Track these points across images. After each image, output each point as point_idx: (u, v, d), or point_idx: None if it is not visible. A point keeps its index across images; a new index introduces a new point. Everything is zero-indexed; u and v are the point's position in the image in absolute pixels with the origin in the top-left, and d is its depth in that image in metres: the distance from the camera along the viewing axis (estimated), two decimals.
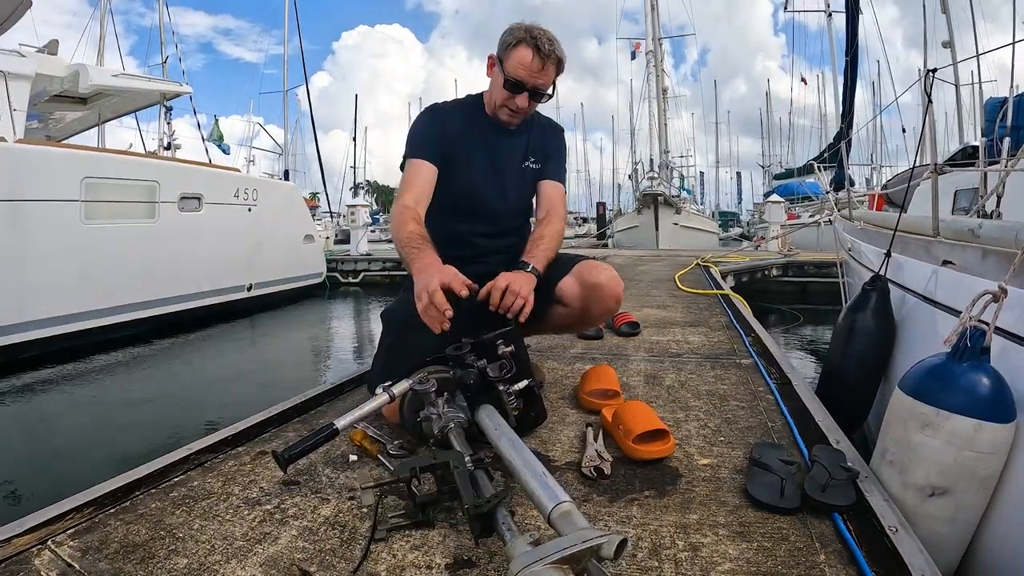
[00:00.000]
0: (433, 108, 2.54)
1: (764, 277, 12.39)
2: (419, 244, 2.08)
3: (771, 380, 2.97)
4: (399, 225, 2.18)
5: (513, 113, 2.38)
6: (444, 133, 2.43)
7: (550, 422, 2.33)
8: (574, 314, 2.40)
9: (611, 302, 2.37)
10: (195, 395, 6.82)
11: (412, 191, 2.30)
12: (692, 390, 2.85)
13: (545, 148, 2.58)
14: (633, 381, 3.00)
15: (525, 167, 2.53)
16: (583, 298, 2.34)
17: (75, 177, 8.37)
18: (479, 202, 2.49)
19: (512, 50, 2.26)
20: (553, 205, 2.52)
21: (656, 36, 30.52)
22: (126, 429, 5.51)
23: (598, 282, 2.32)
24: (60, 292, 8.19)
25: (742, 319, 4.77)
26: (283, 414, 2.54)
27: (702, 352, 3.69)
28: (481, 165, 2.47)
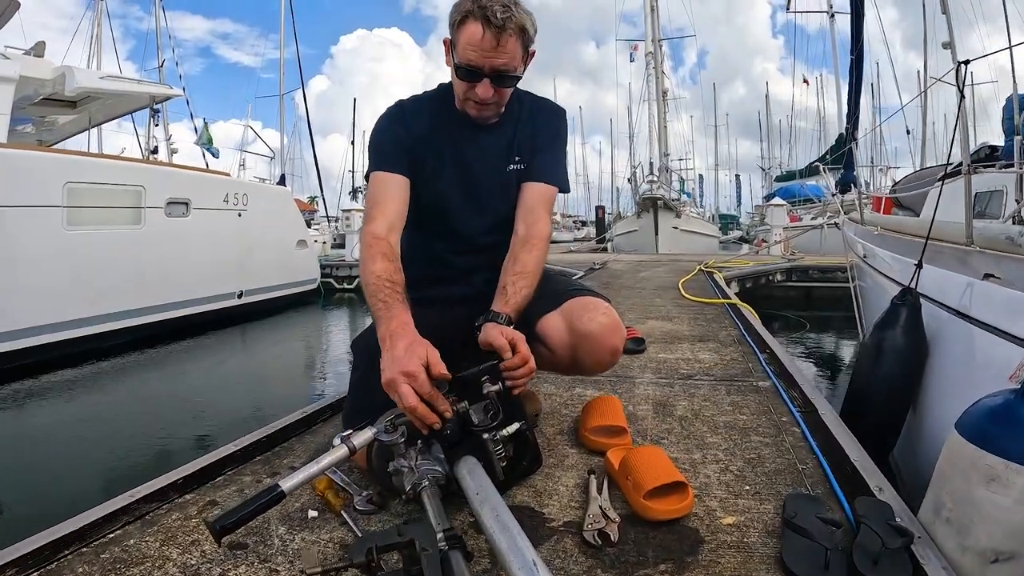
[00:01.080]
0: (399, 105, 2.12)
1: (768, 282, 12.11)
2: (387, 296, 1.71)
3: (794, 407, 2.69)
4: (365, 262, 1.82)
5: (480, 106, 1.93)
6: (409, 135, 2.04)
7: (546, 465, 2.02)
8: (559, 362, 2.01)
9: (606, 355, 1.97)
10: (180, 408, 6.52)
11: (382, 214, 1.93)
12: (708, 422, 2.54)
13: (533, 139, 2.09)
14: (641, 411, 2.69)
15: (509, 171, 2.07)
16: (571, 346, 1.94)
17: (57, 182, 8.11)
18: (448, 219, 2.08)
19: (459, 29, 1.82)
20: (535, 218, 2.02)
21: (656, 38, 30.24)
22: (105, 447, 5.22)
23: (589, 331, 1.91)
24: (40, 301, 7.93)
25: (754, 332, 4.46)
26: (246, 450, 2.24)
27: (715, 373, 3.38)
28: (448, 173, 2.05)
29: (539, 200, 2.05)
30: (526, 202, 2.05)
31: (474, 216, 2.08)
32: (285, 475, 1.50)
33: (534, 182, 2.07)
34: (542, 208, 2.05)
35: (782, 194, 28.77)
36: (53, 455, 5.04)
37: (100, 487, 4.23)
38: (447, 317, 2.01)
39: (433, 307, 2.00)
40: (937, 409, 2.87)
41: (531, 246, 1.95)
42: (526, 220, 2.01)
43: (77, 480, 4.51)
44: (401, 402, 1.48)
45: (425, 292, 2.05)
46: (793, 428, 2.44)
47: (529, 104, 2.14)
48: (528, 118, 2.11)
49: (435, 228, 2.09)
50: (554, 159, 2.13)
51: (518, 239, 1.97)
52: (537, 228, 1.99)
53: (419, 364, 1.49)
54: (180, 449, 5.05)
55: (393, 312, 1.65)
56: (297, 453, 2.26)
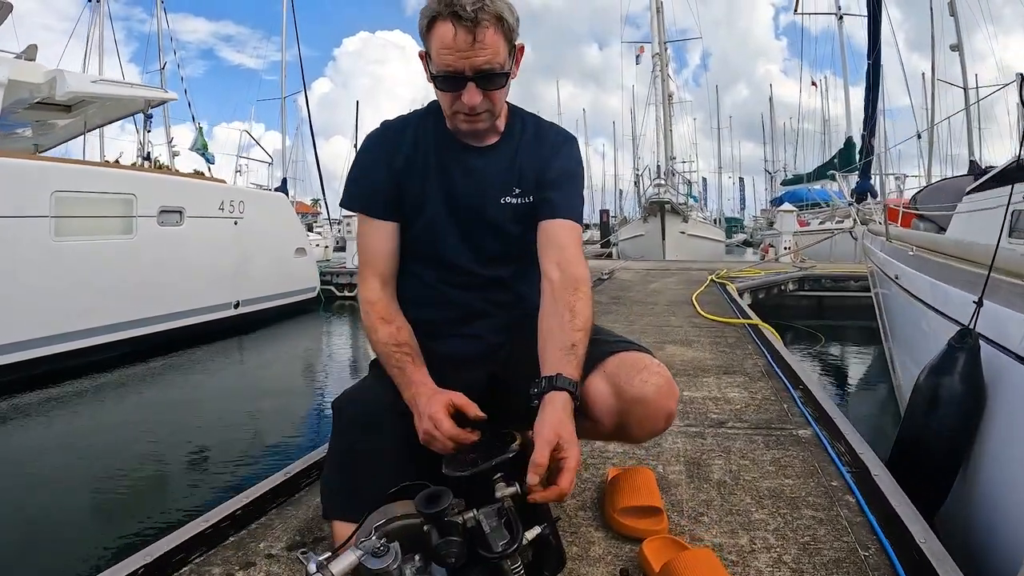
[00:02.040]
0: (384, 127, 1.82)
1: (780, 292, 11.80)
2: (398, 361, 1.62)
3: (843, 466, 2.39)
4: (368, 331, 1.72)
5: (471, 118, 1.63)
6: (395, 161, 1.75)
7: (569, 556, 1.69)
8: (602, 431, 1.65)
9: (660, 422, 1.61)
10: (168, 430, 6.18)
11: (373, 274, 1.75)
12: (750, 488, 2.22)
13: (543, 170, 1.76)
14: (672, 473, 2.35)
15: (504, 203, 1.75)
16: (618, 413, 1.57)
17: (44, 191, 7.81)
18: (439, 248, 1.77)
19: (430, 34, 1.55)
20: (571, 258, 1.67)
21: (662, 40, 29.95)
22: (82, 478, 4.88)
23: (643, 396, 1.54)
24: (26, 314, 7.63)
25: (782, 362, 4.13)
26: (217, 528, 1.93)
27: (748, 417, 3.06)
28: (433, 200, 1.75)
29: (570, 238, 1.72)
30: (557, 239, 1.70)
31: (465, 249, 1.78)
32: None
33: (562, 219, 1.72)
34: (576, 247, 1.72)
35: (789, 198, 28.51)
36: (23, 487, 4.73)
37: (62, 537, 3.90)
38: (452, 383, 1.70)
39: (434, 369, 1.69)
40: (994, 468, 2.58)
41: (581, 293, 1.62)
42: (560, 261, 1.66)
43: (36, 525, 4.10)
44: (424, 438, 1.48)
45: (425, 345, 1.74)
46: (847, 496, 2.15)
47: (534, 128, 1.82)
48: (533, 144, 1.78)
49: (427, 257, 1.79)
50: (572, 193, 1.79)
51: (556, 285, 1.63)
52: (579, 270, 1.66)
53: (439, 407, 1.47)
54: (164, 483, 4.73)
55: (408, 375, 1.59)
56: (276, 533, 1.95)
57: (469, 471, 1.31)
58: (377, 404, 1.59)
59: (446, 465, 1.36)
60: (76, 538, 3.83)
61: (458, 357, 1.75)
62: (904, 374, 4.87)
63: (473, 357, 1.77)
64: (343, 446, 1.62)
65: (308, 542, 1.88)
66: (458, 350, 1.76)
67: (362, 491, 1.48)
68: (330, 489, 1.62)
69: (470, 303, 1.78)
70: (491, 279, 1.78)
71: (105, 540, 3.76)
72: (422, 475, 1.39)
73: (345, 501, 1.52)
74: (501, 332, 1.78)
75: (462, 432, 1.45)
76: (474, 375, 1.74)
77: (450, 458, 1.39)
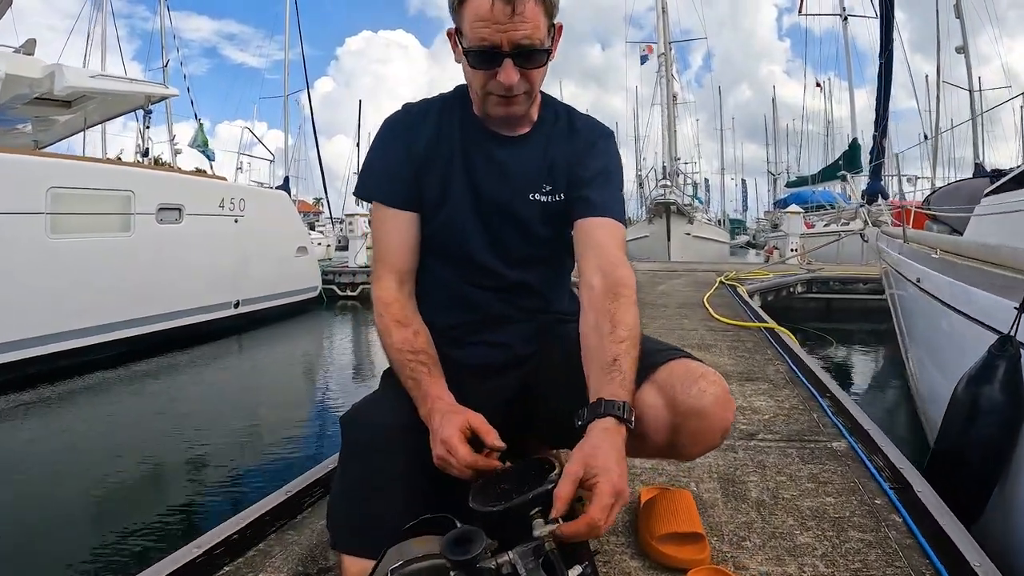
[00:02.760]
0: (405, 111, 1.63)
1: (789, 294, 11.64)
2: (413, 371, 1.45)
3: (885, 483, 2.22)
4: (381, 334, 1.53)
5: (507, 102, 1.45)
6: (414, 148, 1.57)
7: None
8: (651, 447, 1.42)
9: (716, 437, 1.40)
10: (163, 432, 5.99)
11: (388, 271, 1.57)
12: (791, 508, 2.05)
13: (576, 166, 1.58)
14: (707, 492, 2.17)
15: (533, 200, 1.58)
16: (671, 428, 1.36)
17: (40, 187, 7.63)
18: (462, 246, 1.59)
19: (463, 7, 1.38)
20: (615, 262, 1.47)
21: (666, 40, 29.77)
22: (74, 482, 4.72)
23: (700, 408, 1.33)
24: (22, 313, 7.47)
25: (805, 368, 3.95)
26: (210, 556, 1.75)
27: (779, 429, 2.88)
28: (456, 194, 1.57)
29: (613, 240, 1.53)
30: (597, 240, 1.52)
31: (490, 248, 1.59)
32: None
33: (605, 217, 1.54)
34: (618, 249, 1.52)
35: (793, 199, 28.35)
36: (14, 490, 4.56)
37: (34, 555, 3.71)
38: (474, 395, 1.52)
39: (456, 381, 1.51)
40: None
41: (623, 298, 1.42)
42: (602, 265, 1.47)
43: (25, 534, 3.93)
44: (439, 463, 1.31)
45: (446, 353, 1.55)
46: (892, 516, 1.99)
47: (568, 119, 1.64)
48: (567, 136, 1.61)
49: (448, 254, 1.61)
50: (616, 190, 1.61)
51: (596, 292, 1.43)
52: (621, 272, 1.46)
53: (454, 429, 1.29)
54: (153, 499, 4.50)
55: (424, 388, 1.42)
56: (276, 563, 1.76)
57: (501, 506, 1.12)
58: (391, 422, 1.40)
59: (474, 497, 1.17)
60: (49, 562, 3.58)
61: (483, 367, 1.58)
62: (924, 378, 4.71)
63: (500, 367, 1.59)
64: (353, 472, 1.42)
65: (313, 573, 1.69)
66: (483, 359, 1.58)
67: (376, 523, 1.30)
68: (339, 519, 1.42)
69: (494, 307, 1.60)
70: (517, 283, 1.60)
71: (83, 565, 3.54)
72: (445, 505, 1.21)
73: (356, 533, 1.34)
74: (530, 340, 1.61)
75: (481, 459, 1.27)
76: (501, 388, 1.57)
77: (479, 488, 1.20)
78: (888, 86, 10.84)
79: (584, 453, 1.15)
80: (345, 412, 1.49)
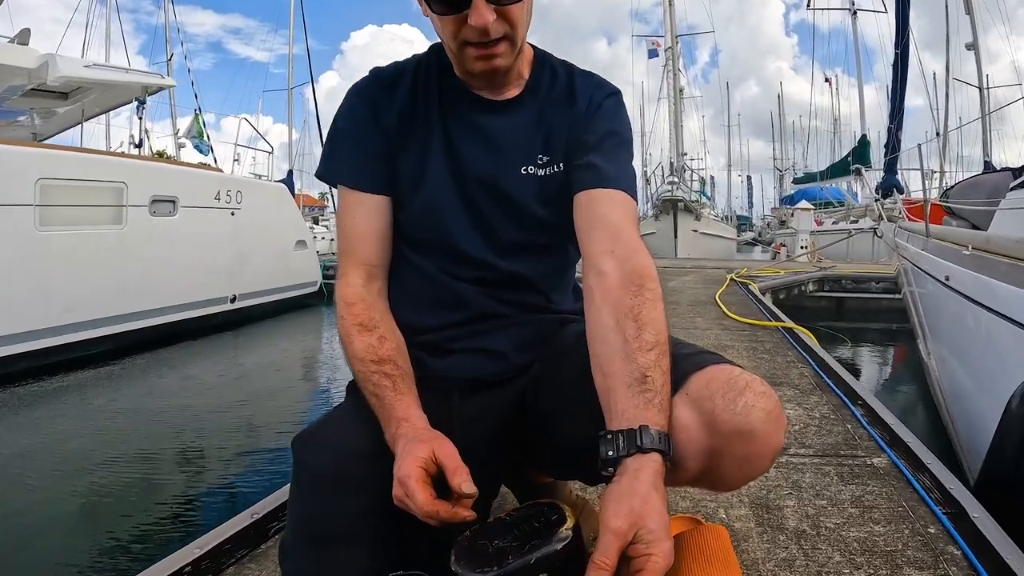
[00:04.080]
0: (375, 75, 1.35)
1: (800, 292, 11.37)
2: (376, 386, 1.15)
3: (936, 507, 1.96)
4: (343, 341, 1.25)
5: (486, 51, 1.17)
6: (385, 122, 1.29)
7: None
8: (680, 478, 1.07)
9: (765, 461, 1.05)
10: (150, 431, 5.72)
11: (354, 264, 1.31)
12: (836, 540, 1.77)
13: (580, 132, 1.30)
14: (738, 520, 1.89)
15: (527, 173, 1.30)
16: (708, 452, 1.02)
17: (28, 178, 7.37)
18: (446, 231, 1.31)
19: None
20: (630, 245, 1.18)
21: (673, 33, 29.47)
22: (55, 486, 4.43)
23: (748, 427, 0.98)
24: (10, 308, 7.20)
25: (832, 372, 3.69)
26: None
27: (812, 442, 2.60)
28: (437, 174, 1.30)
29: (627, 218, 1.23)
30: (607, 218, 1.22)
31: (477, 236, 1.31)
32: None
33: (616, 189, 1.24)
34: (632, 228, 1.22)
35: (801, 196, 28.08)
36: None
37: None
38: (461, 415, 1.24)
39: (438, 396, 1.23)
40: None
41: (649, 292, 1.12)
42: (617, 248, 1.17)
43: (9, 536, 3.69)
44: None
45: (427, 364, 1.28)
46: (950, 548, 1.73)
47: (567, 78, 1.35)
48: (566, 98, 1.33)
49: (428, 243, 1.33)
50: (626, 159, 1.31)
51: (611, 283, 1.13)
52: (641, 259, 1.16)
53: (412, 465, 0.99)
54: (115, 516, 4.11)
55: (387, 406, 1.12)
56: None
57: (493, 573, 0.83)
58: (354, 447, 1.11)
59: (457, 559, 0.88)
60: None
61: (472, 381, 1.29)
62: (950, 380, 4.44)
63: (492, 380, 1.30)
64: (305, 508, 1.13)
65: None
66: (472, 371, 1.29)
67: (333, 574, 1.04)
68: (288, 567, 1.14)
69: (483, 304, 1.30)
70: (510, 276, 1.31)
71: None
72: (418, 553, 0.93)
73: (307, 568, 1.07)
74: (528, 346, 1.32)
75: (444, 507, 0.97)
76: (493, 405, 1.28)
77: (465, 545, 0.90)
78: (904, 78, 10.55)
79: (632, 507, 0.87)
80: (298, 434, 1.19)
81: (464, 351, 1.30)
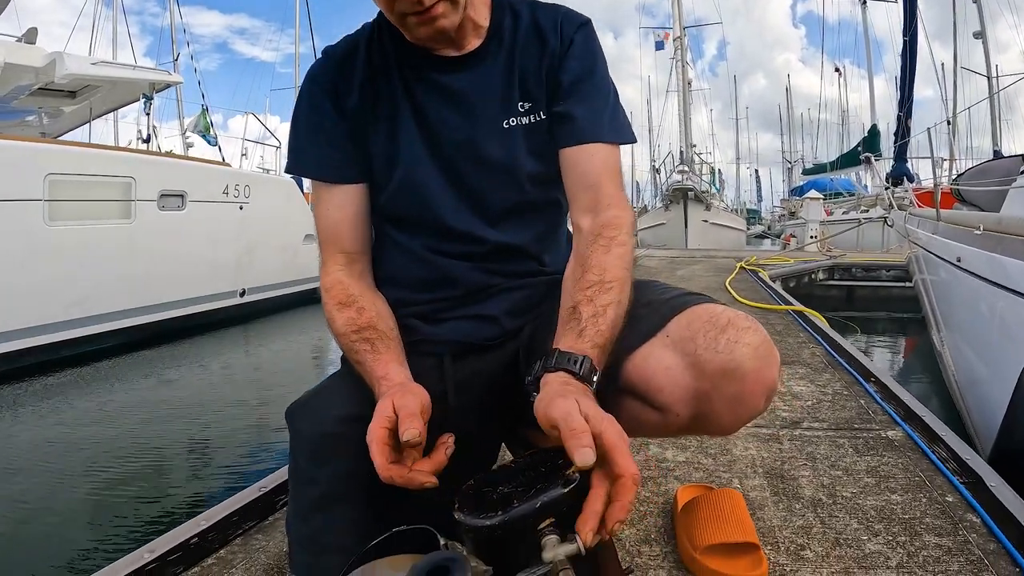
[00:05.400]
0: (326, 56, 1.29)
1: (810, 281, 11.28)
2: (358, 352, 1.13)
3: (953, 477, 1.92)
4: (328, 321, 1.23)
5: (425, 18, 1.10)
6: (346, 103, 1.24)
7: None
8: (671, 425, 1.08)
9: (758, 401, 1.03)
10: (153, 425, 5.68)
11: (332, 256, 1.27)
12: (852, 508, 1.74)
13: (555, 73, 1.24)
14: (753, 489, 1.86)
15: (510, 126, 1.24)
16: (695, 396, 1.02)
17: (37, 174, 7.36)
18: (430, 206, 1.26)
19: None
20: (602, 198, 1.19)
21: (681, 24, 29.33)
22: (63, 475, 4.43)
23: (734, 364, 0.98)
24: (18, 302, 7.21)
25: (843, 351, 3.65)
26: (163, 563, 1.47)
27: (825, 416, 2.56)
28: (411, 147, 1.24)
29: (605, 170, 1.21)
30: (586, 175, 1.21)
31: (464, 207, 1.26)
32: None
33: (588, 143, 1.21)
34: (609, 181, 1.20)
35: (810, 187, 27.92)
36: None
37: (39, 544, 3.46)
38: (455, 378, 1.22)
39: (430, 358, 1.23)
40: None
41: (607, 240, 1.12)
42: (588, 204, 1.19)
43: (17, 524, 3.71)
44: None
45: (418, 329, 1.26)
46: (969, 516, 1.70)
47: (531, 17, 1.28)
48: (533, 38, 1.25)
49: (412, 220, 1.28)
50: (604, 100, 1.25)
51: (583, 238, 1.16)
52: (612, 213, 1.17)
53: (376, 429, 0.95)
54: (125, 495, 4.17)
55: (368, 369, 1.10)
56: (236, 573, 1.46)
57: (497, 518, 0.79)
58: (347, 410, 1.07)
59: (461, 505, 0.83)
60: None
61: (463, 345, 1.26)
62: (964, 365, 4.39)
63: (484, 345, 1.27)
64: (301, 476, 1.11)
65: None
66: (464, 335, 1.27)
67: (331, 539, 1.02)
68: (291, 532, 1.12)
69: (475, 279, 1.27)
70: (501, 247, 1.27)
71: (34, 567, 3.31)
72: (423, 513, 0.90)
73: (310, 553, 1.04)
74: (520, 312, 1.29)
75: (396, 470, 0.93)
76: (486, 368, 1.26)
77: (468, 494, 0.85)
78: (913, 65, 10.46)
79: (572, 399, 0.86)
80: (292, 402, 1.17)
81: (456, 318, 1.28)
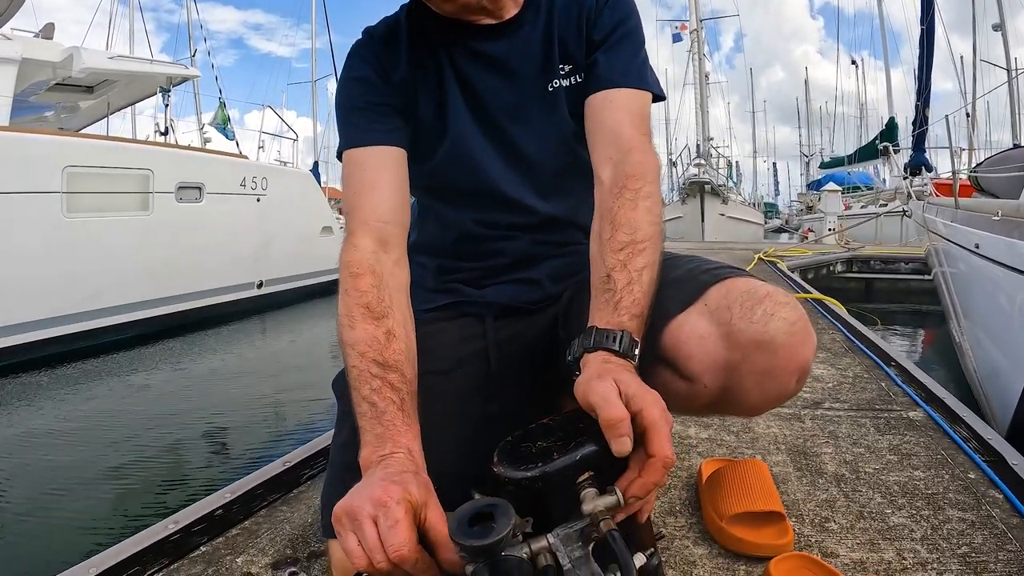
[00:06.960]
0: (368, 35, 1.27)
1: (829, 273, 11.21)
2: (378, 395, 0.95)
3: (975, 455, 1.91)
4: (340, 320, 1.03)
5: None
6: (394, 77, 1.21)
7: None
8: (699, 396, 1.02)
9: (790, 379, 0.99)
10: (176, 411, 5.75)
11: (363, 224, 1.13)
12: (876, 483, 1.73)
13: (589, 29, 1.22)
14: (776, 464, 1.86)
15: (555, 88, 1.23)
16: (727, 368, 0.98)
17: (56, 166, 7.43)
18: (478, 187, 1.24)
19: None
20: (626, 147, 1.11)
21: (698, 16, 29.20)
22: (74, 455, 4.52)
23: (768, 337, 0.94)
24: (39, 293, 7.28)
25: (864, 338, 3.63)
26: (187, 532, 1.47)
27: (846, 397, 2.55)
28: (458, 116, 1.23)
29: (628, 116, 1.15)
30: (608, 122, 1.15)
31: (514, 176, 1.24)
32: None
33: (609, 89, 1.17)
34: (631, 126, 1.14)
35: (828, 181, 27.74)
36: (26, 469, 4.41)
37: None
38: (492, 340, 1.21)
39: (463, 321, 1.23)
40: None
41: (633, 193, 1.05)
42: (613, 152, 1.11)
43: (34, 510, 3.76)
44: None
45: (460, 291, 1.26)
46: (992, 492, 1.69)
47: None
48: (569, 4, 1.24)
49: (458, 192, 1.27)
50: (632, 51, 1.22)
51: (604, 190, 1.09)
52: (634, 159, 1.09)
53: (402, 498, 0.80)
54: (151, 475, 4.28)
55: (386, 425, 0.92)
56: (262, 543, 1.47)
57: (537, 470, 0.79)
58: None
59: (500, 459, 0.83)
60: (31, 534, 3.44)
61: (504, 308, 1.26)
62: (983, 356, 4.36)
63: (526, 308, 1.27)
64: (343, 438, 1.09)
65: (302, 558, 1.40)
66: (506, 299, 1.26)
67: None
68: (326, 495, 1.10)
69: (522, 249, 1.27)
70: (550, 219, 1.27)
71: (65, 537, 3.41)
72: (463, 475, 0.90)
73: None
74: (563, 277, 1.28)
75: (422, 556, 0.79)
76: (524, 332, 1.25)
77: (506, 447, 0.85)
78: (931, 52, 10.36)
79: (582, 389, 0.84)
80: (339, 372, 1.12)
81: (501, 283, 1.28)
